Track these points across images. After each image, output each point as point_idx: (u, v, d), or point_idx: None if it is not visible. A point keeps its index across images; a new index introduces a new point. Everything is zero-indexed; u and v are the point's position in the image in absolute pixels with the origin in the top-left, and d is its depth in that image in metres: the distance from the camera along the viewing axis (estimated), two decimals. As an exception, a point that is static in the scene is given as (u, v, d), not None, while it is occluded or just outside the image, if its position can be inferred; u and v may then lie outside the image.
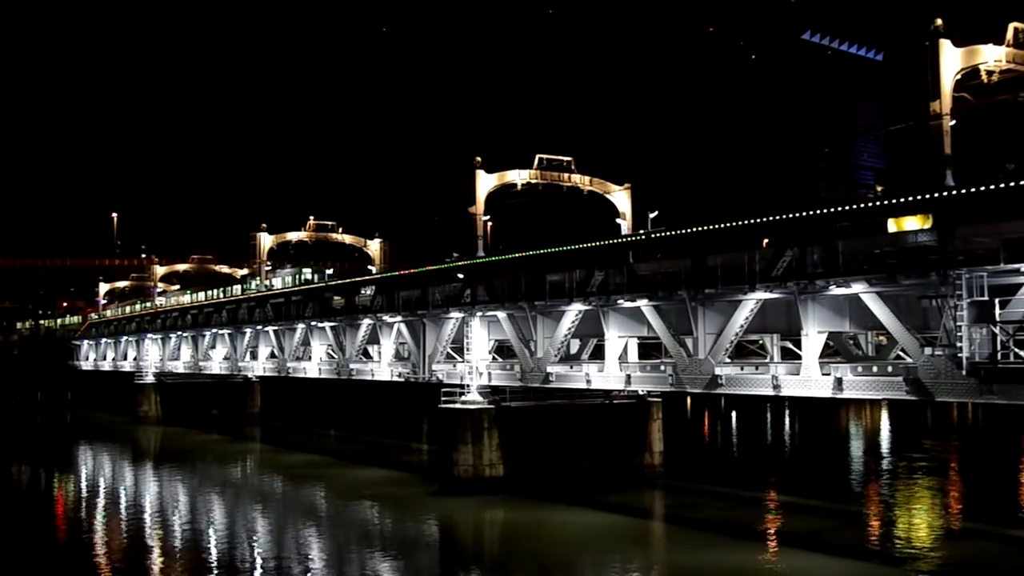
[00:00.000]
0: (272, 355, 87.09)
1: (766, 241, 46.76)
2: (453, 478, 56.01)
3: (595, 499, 53.62)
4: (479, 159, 60.69)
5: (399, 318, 64.45)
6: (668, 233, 47.32)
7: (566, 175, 64.11)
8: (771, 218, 40.09)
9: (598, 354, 56.07)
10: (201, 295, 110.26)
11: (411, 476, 66.69)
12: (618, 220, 63.62)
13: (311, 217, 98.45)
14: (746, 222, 41.36)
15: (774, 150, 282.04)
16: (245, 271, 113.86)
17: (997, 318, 31.59)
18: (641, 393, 59.25)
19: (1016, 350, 31.25)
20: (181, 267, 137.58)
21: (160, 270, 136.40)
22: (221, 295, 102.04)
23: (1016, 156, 34.74)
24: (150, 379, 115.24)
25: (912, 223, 37.22)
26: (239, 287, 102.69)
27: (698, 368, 43.69)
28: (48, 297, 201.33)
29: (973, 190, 32.54)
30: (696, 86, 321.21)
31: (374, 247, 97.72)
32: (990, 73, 35.79)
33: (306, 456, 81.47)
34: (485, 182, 60.71)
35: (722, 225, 42.95)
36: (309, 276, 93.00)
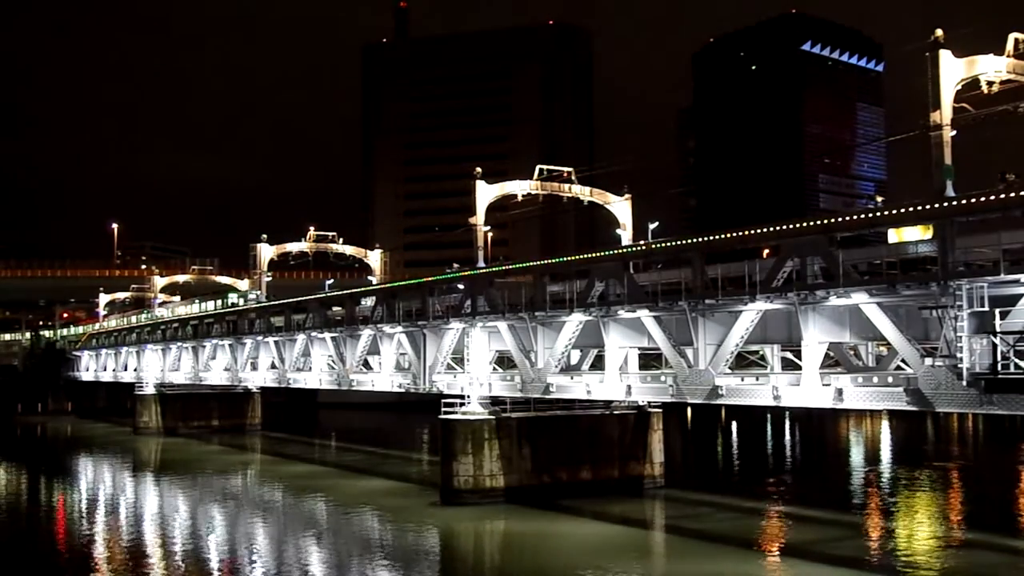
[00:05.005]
0: (272, 366, 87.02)
1: (766, 251, 46.82)
2: (453, 489, 55.97)
3: (595, 510, 53.54)
4: (479, 170, 60.75)
5: (399, 328, 64.41)
6: (668, 243, 47.35)
7: (567, 186, 64.17)
8: (771, 228, 40.09)
9: (598, 364, 56.05)
10: (200, 306, 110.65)
11: (411, 487, 66.66)
12: (618, 230, 63.62)
13: (312, 228, 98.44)
14: (746, 232, 41.38)
15: (774, 161, 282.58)
16: (246, 281, 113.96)
17: (997, 328, 31.57)
18: (641, 403, 59.25)
19: (1016, 360, 31.18)
20: (181, 278, 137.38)
21: (160, 281, 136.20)
22: (219, 306, 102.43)
23: (1016, 166, 34.73)
24: (150, 390, 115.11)
25: (913, 233, 37.24)
26: (230, 298, 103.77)
27: (698, 378, 43.64)
28: (48, 308, 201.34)
29: (973, 200, 32.57)
30: (697, 96, 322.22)
31: (374, 258, 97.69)
32: (990, 84, 35.81)
33: (307, 467, 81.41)
34: (485, 193, 60.70)
35: (722, 235, 43.01)
36: (235, 299, 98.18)
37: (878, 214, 36.96)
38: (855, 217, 38.07)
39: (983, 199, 32.34)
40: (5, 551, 48.97)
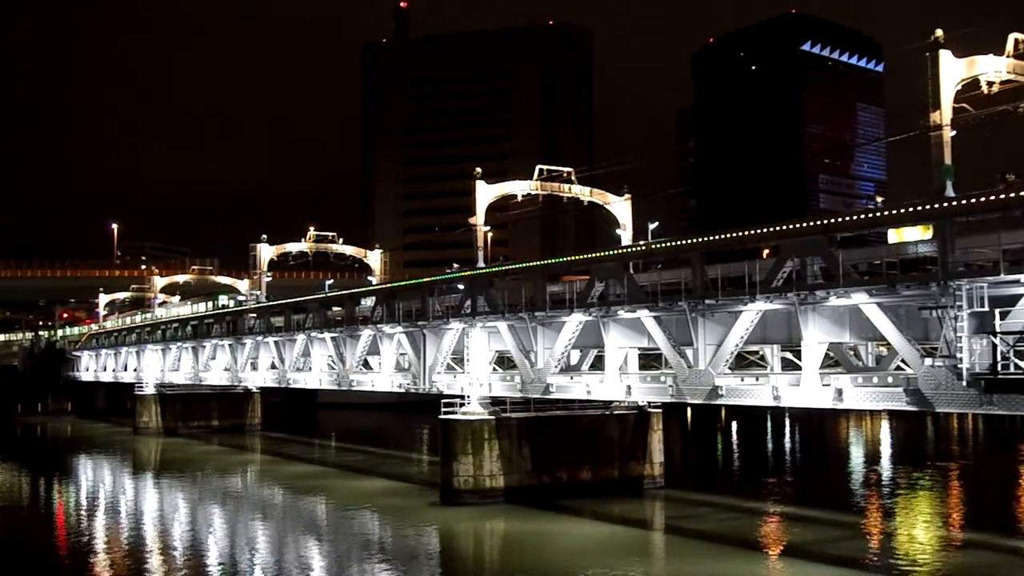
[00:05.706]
0: (272, 366, 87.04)
1: (766, 252, 46.79)
2: (453, 489, 55.96)
3: (595, 510, 53.53)
4: (479, 170, 60.75)
5: (399, 329, 64.39)
6: (668, 243, 47.33)
7: (566, 186, 64.17)
8: (771, 228, 40.08)
9: (598, 365, 56.03)
10: (191, 308, 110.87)
11: (411, 487, 66.63)
12: (618, 231, 63.61)
13: (312, 228, 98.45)
14: (746, 232, 41.37)
15: (774, 161, 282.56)
16: (246, 281, 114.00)
17: (997, 329, 31.56)
18: (641, 403, 59.22)
19: (1016, 361, 31.18)
20: (181, 278, 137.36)
21: (160, 281, 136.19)
22: (208, 308, 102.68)
23: (1016, 166, 34.73)
24: (150, 390, 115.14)
25: (913, 233, 37.25)
26: (220, 299, 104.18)
27: (698, 379, 43.63)
28: (48, 308, 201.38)
29: (973, 200, 32.57)
30: (697, 96, 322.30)
31: (374, 258, 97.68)
32: (990, 84, 35.80)
33: (307, 467, 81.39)
34: (485, 193, 60.68)
35: (722, 235, 42.99)
36: (225, 301, 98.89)
37: (878, 214, 36.95)
38: (855, 217, 38.06)
39: (983, 199, 32.34)
40: (5, 551, 48.93)
